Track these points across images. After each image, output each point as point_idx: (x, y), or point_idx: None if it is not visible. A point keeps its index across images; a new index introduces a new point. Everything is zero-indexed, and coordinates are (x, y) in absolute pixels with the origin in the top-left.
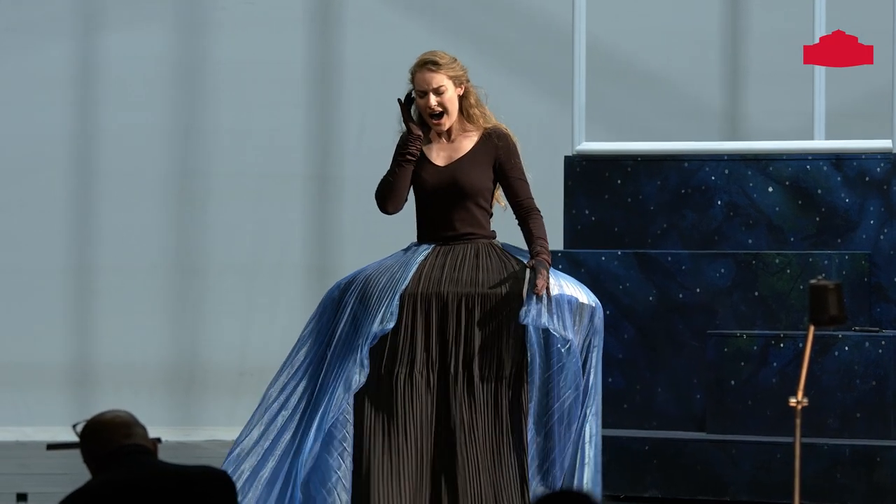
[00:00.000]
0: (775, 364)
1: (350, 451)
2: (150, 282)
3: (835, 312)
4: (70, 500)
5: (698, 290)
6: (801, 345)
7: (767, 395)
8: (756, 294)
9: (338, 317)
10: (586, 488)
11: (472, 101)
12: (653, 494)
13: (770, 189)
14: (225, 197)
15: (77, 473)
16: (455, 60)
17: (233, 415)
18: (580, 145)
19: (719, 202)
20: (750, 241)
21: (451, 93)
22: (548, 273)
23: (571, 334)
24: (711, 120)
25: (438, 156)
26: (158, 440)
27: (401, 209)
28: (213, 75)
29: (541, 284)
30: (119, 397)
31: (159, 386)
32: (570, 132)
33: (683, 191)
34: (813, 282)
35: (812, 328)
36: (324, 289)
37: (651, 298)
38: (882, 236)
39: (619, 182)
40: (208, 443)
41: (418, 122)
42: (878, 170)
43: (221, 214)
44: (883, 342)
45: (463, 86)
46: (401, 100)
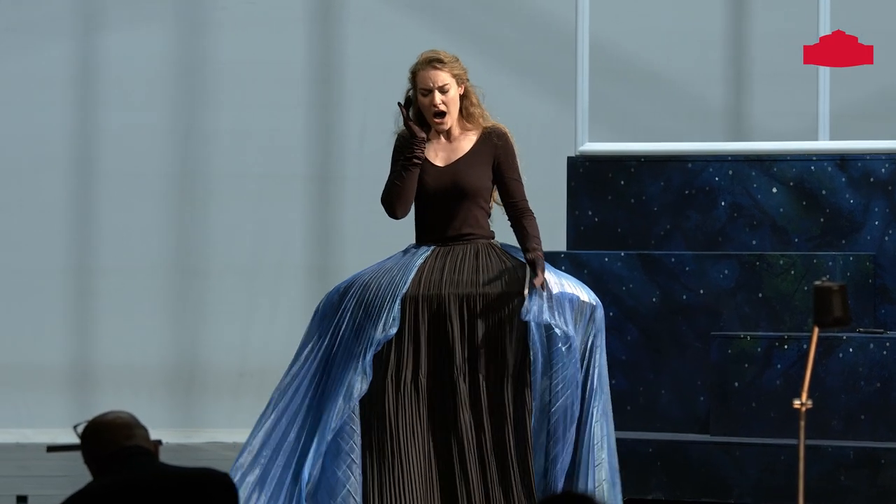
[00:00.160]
0: (779, 366)
1: (358, 461)
2: (151, 282)
3: (839, 314)
4: (70, 502)
5: (702, 291)
6: (805, 346)
7: (771, 397)
8: (760, 295)
9: (338, 322)
10: (598, 491)
11: (473, 100)
12: (656, 497)
13: (774, 190)
14: (225, 197)
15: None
16: (457, 59)
17: (233, 416)
18: (583, 146)
19: (723, 203)
20: (754, 242)
21: (454, 92)
22: (544, 269)
23: (572, 331)
24: (715, 120)
25: (438, 156)
26: (159, 442)
27: (409, 212)
28: (214, 75)
29: (540, 277)
30: (119, 399)
31: (159, 387)
32: (574, 133)
33: (687, 192)
34: (817, 283)
35: (816, 330)
36: (325, 290)
37: (654, 300)
38: (887, 237)
39: (622, 183)
40: (209, 445)
41: (418, 124)
42: (883, 170)
43: (222, 215)
44: (887, 344)
45: (463, 85)
46: (401, 103)
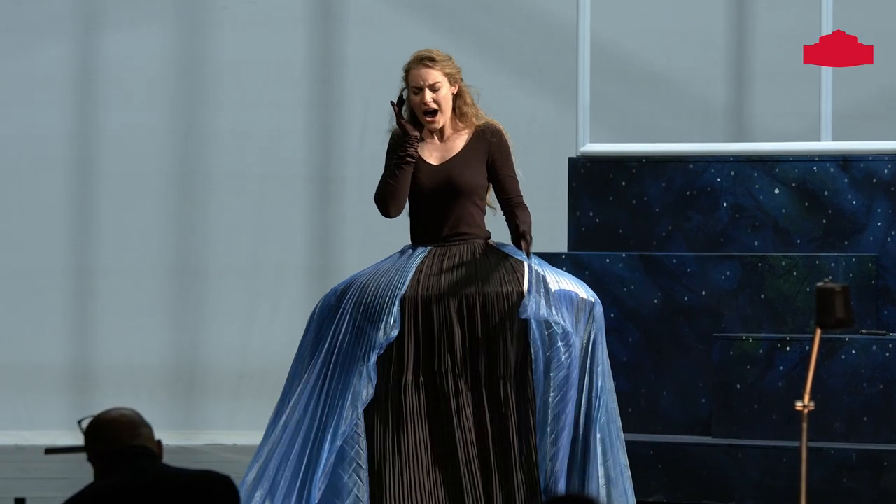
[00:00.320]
0: (781, 367)
1: (365, 466)
2: (151, 283)
3: (841, 315)
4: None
5: (704, 292)
6: (807, 348)
7: (773, 399)
8: (762, 297)
9: (337, 324)
10: (603, 490)
11: (467, 99)
12: (658, 499)
13: (776, 191)
14: (226, 198)
15: (76, 478)
16: (450, 58)
17: (233, 418)
18: (584, 146)
19: (725, 204)
20: (756, 244)
21: (446, 90)
22: (531, 240)
23: (571, 327)
24: (717, 121)
25: (431, 155)
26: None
27: (402, 212)
28: (214, 75)
29: (528, 242)
30: (119, 400)
31: (159, 388)
32: (575, 133)
33: (689, 192)
34: (820, 284)
35: (819, 331)
36: (325, 290)
37: (656, 301)
38: (889, 238)
39: (623, 184)
40: (209, 447)
41: (411, 123)
42: (886, 171)
43: (222, 215)
44: (890, 345)
45: (457, 84)
46: (393, 102)
